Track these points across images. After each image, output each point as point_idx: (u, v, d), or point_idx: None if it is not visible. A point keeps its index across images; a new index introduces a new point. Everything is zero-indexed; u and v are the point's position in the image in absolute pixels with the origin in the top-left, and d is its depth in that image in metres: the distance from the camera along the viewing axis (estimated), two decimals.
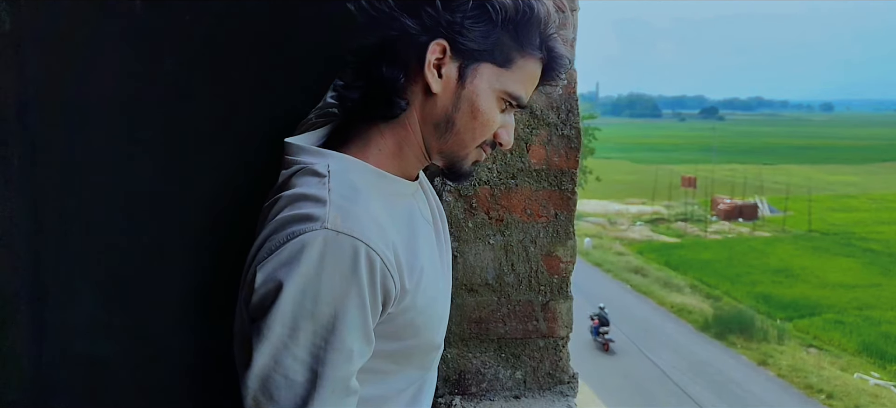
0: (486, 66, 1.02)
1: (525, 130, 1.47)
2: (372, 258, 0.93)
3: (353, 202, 0.96)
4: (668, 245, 32.28)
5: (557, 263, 1.50)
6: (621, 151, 74.10)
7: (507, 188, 1.47)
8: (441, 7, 0.98)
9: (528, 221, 1.49)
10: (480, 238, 1.48)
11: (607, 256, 29.47)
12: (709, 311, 22.90)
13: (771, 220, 37.84)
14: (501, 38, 1.01)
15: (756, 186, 45.12)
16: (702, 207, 39.89)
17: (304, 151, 1.05)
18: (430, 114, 1.05)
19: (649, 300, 24.31)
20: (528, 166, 1.48)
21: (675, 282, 26.16)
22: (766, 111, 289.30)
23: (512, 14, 1.00)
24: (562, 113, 1.48)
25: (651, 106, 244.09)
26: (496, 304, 1.49)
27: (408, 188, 1.11)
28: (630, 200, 43.36)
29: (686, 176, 46.57)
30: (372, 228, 0.95)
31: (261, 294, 0.92)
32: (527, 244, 1.49)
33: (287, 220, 0.94)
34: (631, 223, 37.04)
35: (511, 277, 1.49)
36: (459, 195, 1.46)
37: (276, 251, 0.92)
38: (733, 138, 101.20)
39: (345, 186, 0.98)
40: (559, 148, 1.48)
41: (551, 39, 1.05)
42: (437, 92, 1.03)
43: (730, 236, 34.22)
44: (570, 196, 1.49)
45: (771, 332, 21.34)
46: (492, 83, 1.03)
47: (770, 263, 28.91)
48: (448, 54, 1.01)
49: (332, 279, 0.91)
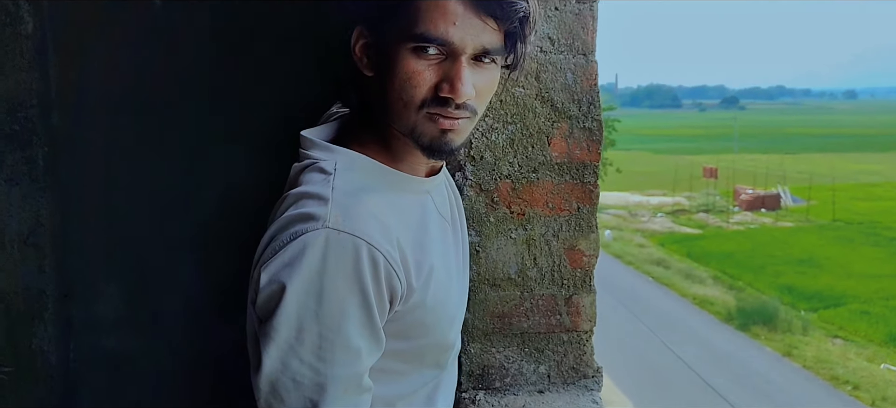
0: (392, 30, 0.98)
1: (546, 124, 1.46)
2: (375, 256, 0.93)
3: (355, 200, 0.96)
4: (689, 236, 32.01)
5: (580, 256, 1.49)
6: (641, 143, 73.64)
7: (529, 182, 1.47)
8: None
9: (550, 215, 1.48)
10: (502, 232, 1.47)
11: (628, 248, 29.30)
12: (732, 302, 22.69)
13: (794, 210, 37.41)
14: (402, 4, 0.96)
15: (778, 175, 44.63)
16: (723, 198, 39.51)
17: (315, 146, 1.05)
18: (377, 99, 1.03)
19: (671, 292, 24.14)
20: (549, 160, 1.47)
21: (698, 273, 25.95)
22: (787, 100, 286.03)
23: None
24: (583, 105, 1.46)
25: (671, 96, 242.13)
26: (519, 298, 1.48)
27: (420, 184, 1.10)
28: (651, 191, 43.05)
29: (707, 166, 46.15)
30: (374, 226, 0.94)
31: (265, 295, 0.92)
32: (549, 238, 1.48)
33: (290, 219, 0.94)
34: (652, 215, 36.78)
35: (534, 271, 1.48)
36: (481, 189, 1.45)
37: (280, 252, 0.92)
38: (755, 128, 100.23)
39: (349, 183, 0.98)
40: (581, 141, 1.47)
41: None
42: (370, 75, 1.03)
43: (752, 227, 33.87)
44: (593, 189, 1.48)
45: (795, 323, 21.11)
46: (397, 39, 0.97)
47: (794, 253, 28.58)
48: (369, 37, 1.01)
49: (335, 279, 0.91)
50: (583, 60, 1.44)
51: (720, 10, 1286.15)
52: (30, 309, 2.23)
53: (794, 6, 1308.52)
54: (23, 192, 2.19)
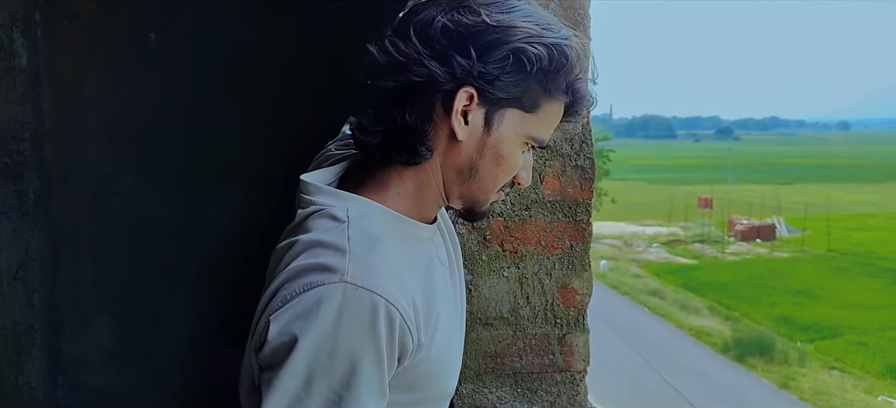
0: (512, 111, 0.99)
1: (539, 162, 1.45)
2: (392, 314, 0.89)
3: (373, 253, 0.92)
4: (685, 267, 32.00)
5: (574, 295, 1.48)
6: (636, 173, 73.82)
7: (521, 220, 1.46)
8: (476, 56, 0.94)
9: (542, 253, 1.47)
10: (495, 271, 1.46)
11: (624, 279, 29.26)
12: (728, 333, 22.62)
13: (789, 240, 37.46)
14: (531, 86, 0.97)
15: (773, 206, 44.73)
16: (719, 228, 39.56)
17: (321, 192, 1.02)
18: (454, 161, 1.01)
19: (667, 323, 24.07)
20: (542, 198, 1.46)
21: (694, 304, 25.90)
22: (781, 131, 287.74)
23: (546, 64, 0.95)
24: (575, 144, 1.46)
25: (665, 127, 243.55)
26: (512, 337, 1.47)
27: (426, 232, 1.08)
28: (646, 221, 43.10)
29: (702, 196, 46.27)
30: (392, 282, 0.91)
31: (274, 346, 0.88)
32: (542, 276, 1.47)
33: (304, 268, 0.91)
34: (647, 245, 36.79)
35: (526, 309, 1.47)
36: (473, 228, 1.45)
37: (292, 302, 0.88)
38: (749, 158, 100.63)
39: (365, 234, 0.94)
40: (573, 179, 1.47)
41: (577, 82, 1.01)
42: (463, 140, 0.99)
43: (748, 257, 33.89)
44: (586, 227, 1.48)
45: (792, 354, 21.04)
46: (517, 129, 1.00)
47: (789, 284, 28.58)
48: (476, 101, 0.97)
49: (350, 335, 0.88)
50: None
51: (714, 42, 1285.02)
52: (17, 345, 2.21)
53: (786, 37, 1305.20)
54: (13, 225, 2.17)
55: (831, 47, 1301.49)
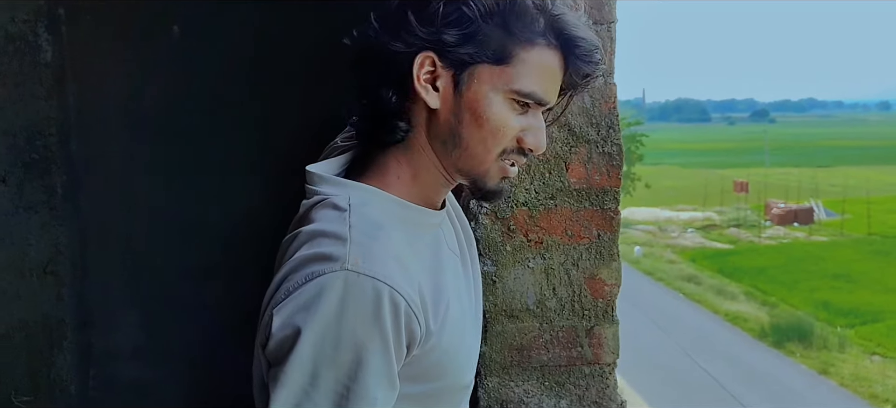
0: (482, 67, 0.95)
1: (564, 148, 1.41)
2: (396, 300, 0.87)
3: (374, 240, 0.91)
4: (721, 252, 31.54)
5: (602, 286, 1.44)
6: (670, 157, 72.89)
7: (547, 209, 1.42)
8: (415, 21, 0.93)
9: (569, 243, 1.43)
10: (520, 262, 1.42)
11: (659, 265, 28.94)
12: (765, 319, 22.28)
13: (828, 224, 36.73)
14: (490, 35, 0.94)
15: (811, 189, 43.89)
16: (755, 212, 38.92)
17: (325, 181, 1.00)
18: (437, 132, 0.99)
19: (703, 309, 23.78)
20: (567, 186, 1.42)
21: (730, 289, 25.55)
22: (819, 112, 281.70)
23: (492, 7, 0.93)
24: (602, 129, 1.42)
25: (699, 110, 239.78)
26: (538, 330, 1.43)
27: (433, 218, 1.05)
28: (680, 206, 42.54)
29: (738, 180, 45.54)
30: (395, 268, 0.89)
31: (278, 339, 0.87)
32: (568, 267, 1.43)
33: (305, 259, 0.89)
34: (682, 230, 36.33)
35: (553, 301, 1.43)
36: (497, 218, 1.41)
37: (294, 293, 0.87)
38: (786, 141, 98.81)
39: (366, 221, 0.93)
40: (600, 166, 1.42)
41: (558, 21, 0.96)
42: (436, 107, 0.97)
43: (785, 242, 33.31)
44: (614, 216, 1.43)
45: (831, 339, 20.65)
46: (494, 84, 0.96)
47: (828, 268, 28.03)
48: (439, 65, 0.95)
49: (354, 324, 0.86)
50: (601, 83, 1.40)
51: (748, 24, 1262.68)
52: (49, 338, 2.23)
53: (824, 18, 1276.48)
54: (42, 220, 2.19)
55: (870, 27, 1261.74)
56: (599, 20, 1.38)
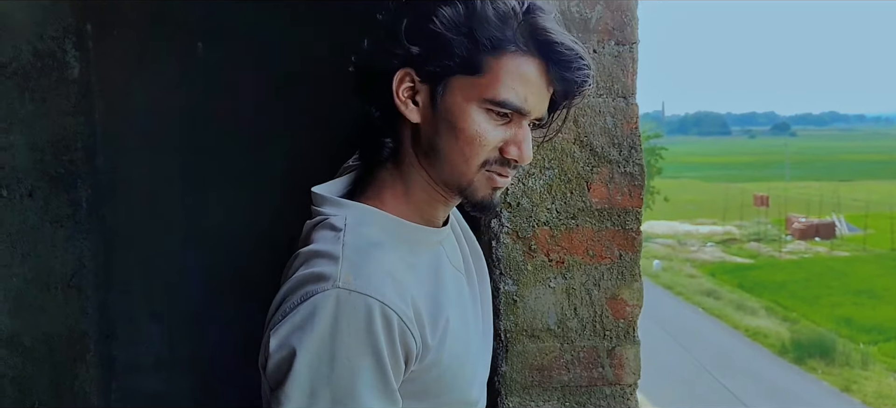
0: (455, 79, 0.96)
1: (585, 168, 1.41)
2: (388, 316, 0.89)
3: (366, 257, 0.92)
4: (741, 266, 31.24)
5: (623, 306, 1.43)
6: (690, 170, 72.45)
7: (568, 229, 1.42)
8: (387, 39, 0.96)
9: (590, 263, 1.42)
10: (541, 281, 1.42)
11: (678, 279, 28.72)
12: (786, 335, 22.01)
13: (850, 239, 36.28)
14: (458, 46, 0.94)
15: (833, 203, 43.37)
16: (775, 227, 38.55)
17: (326, 202, 1.03)
18: (421, 146, 1.01)
19: (723, 324, 23.55)
20: (589, 206, 1.42)
21: (750, 304, 25.27)
22: (840, 126, 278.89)
23: (455, 18, 0.93)
24: (624, 149, 1.41)
25: (719, 123, 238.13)
26: (559, 350, 1.43)
27: (434, 236, 1.06)
28: (700, 220, 42.24)
29: (758, 194, 45.15)
30: (387, 284, 0.91)
31: (276, 361, 0.88)
32: (590, 287, 1.43)
33: (301, 280, 0.91)
34: (701, 244, 36.07)
35: (574, 321, 1.43)
36: (518, 237, 1.41)
37: (290, 314, 0.89)
38: (807, 155, 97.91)
39: (360, 239, 0.95)
40: (622, 186, 1.42)
41: (530, 27, 0.95)
42: (416, 121, 0.99)
43: (806, 256, 32.92)
44: (635, 236, 1.43)
45: (854, 356, 20.35)
46: (466, 94, 0.96)
47: (850, 283, 27.67)
48: (417, 81, 0.97)
49: (347, 341, 0.88)
50: (623, 103, 1.40)
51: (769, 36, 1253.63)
52: (72, 350, 2.25)
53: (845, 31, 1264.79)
54: (67, 233, 2.22)
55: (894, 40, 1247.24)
56: (621, 41, 1.38)
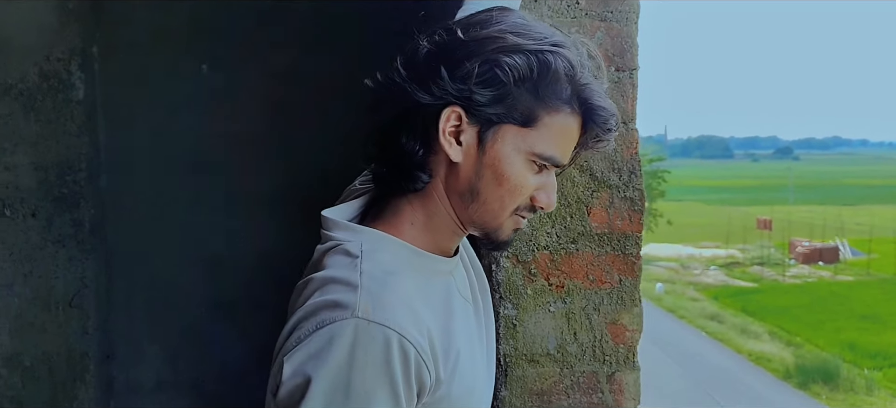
0: (507, 127, 0.96)
1: (585, 193, 1.42)
2: (405, 348, 0.88)
3: (385, 287, 0.91)
4: (744, 290, 31.12)
5: (623, 331, 1.43)
6: (692, 193, 72.35)
7: (568, 253, 1.42)
8: (448, 76, 0.94)
9: (590, 288, 1.43)
10: (540, 305, 1.42)
11: (681, 302, 28.60)
12: (790, 359, 21.87)
13: (854, 263, 36.16)
14: (519, 98, 0.95)
15: (836, 227, 43.26)
16: (779, 251, 38.44)
17: (338, 227, 1.01)
18: (455, 184, 0.99)
19: (726, 348, 23.42)
20: (589, 230, 1.42)
21: (753, 328, 25.14)
22: (844, 150, 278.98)
23: (525, 72, 0.94)
24: (624, 174, 1.42)
25: (722, 147, 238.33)
26: (559, 375, 1.43)
27: (445, 266, 1.05)
28: (703, 243, 42.13)
29: (761, 218, 45.04)
30: (405, 316, 0.90)
31: (289, 388, 0.87)
32: (590, 312, 1.43)
33: (317, 306, 0.90)
34: (704, 267, 35.96)
35: (574, 346, 1.43)
36: (518, 261, 1.41)
37: (305, 341, 0.88)
38: (810, 179, 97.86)
39: (377, 268, 0.93)
40: (622, 211, 1.42)
41: (584, 90, 0.97)
42: (458, 161, 0.98)
43: (810, 281, 32.80)
44: (635, 261, 1.43)
45: (859, 382, 20.21)
46: (517, 145, 0.97)
47: (855, 308, 27.53)
48: (465, 121, 0.96)
49: (364, 372, 0.86)
50: (623, 129, 1.41)
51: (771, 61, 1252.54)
52: (72, 371, 2.25)
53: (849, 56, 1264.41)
54: (69, 254, 2.23)
55: None
56: (621, 67, 1.40)
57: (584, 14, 1.39)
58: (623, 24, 1.40)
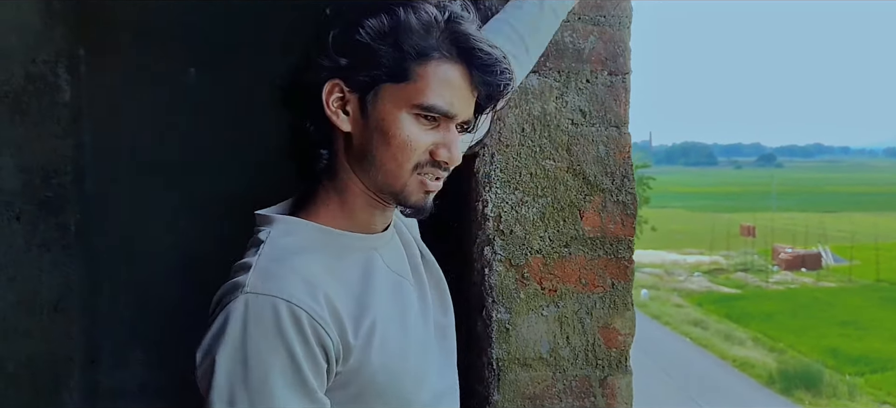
0: (385, 87, 0.99)
1: (578, 197, 1.42)
2: (296, 314, 0.91)
3: (278, 263, 0.96)
4: (727, 296, 31.31)
5: (615, 335, 1.43)
6: (677, 200, 72.77)
7: (561, 257, 1.42)
8: (316, 53, 0.99)
9: (583, 292, 1.42)
10: (533, 309, 1.42)
11: (665, 308, 28.73)
12: (773, 365, 22.02)
13: (836, 269, 36.47)
14: (384, 55, 0.98)
15: (819, 234, 43.64)
16: (762, 257, 38.72)
17: (262, 221, 1.06)
18: (354, 154, 1.03)
19: (710, 354, 23.54)
20: (582, 234, 1.42)
21: (737, 335, 25.29)
22: (825, 157, 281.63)
23: (380, 28, 0.97)
24: (616, 178, 1.42)
25: (706, 154, 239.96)
26: (551, 379, 1.42)
27: (363, 242, 1.08)
28: (687, 249, 42.35)
29: (745, 224, 45.36)
30: (295, 284, 0.94)
31: (201, 373, 0.92)
32: (582, 316, 1.42)
33: (219, 293, 0.96)
34: (689, 274, 36.16)
35: (566, 350, 1.42)
36: (511, 265, 1.41)
37: (210, 326, 0.93)
38: (793, 186, 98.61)
39: (277, 249, 0.99)
40: (614, 215, 1.42)
41: (456, 37, 0.99)
42: (348, 130, 1.02)
43: (793, 287, 33.04)
44: (628, 265, 1.43)
45: (841, 387, 20.38)
46: (396, 101, 0.99)
47: (837, 314, 27.76)
48: (346, 91, 1.00)
49: (258, 343, 0.90)
50: (616, 133, 1.41)
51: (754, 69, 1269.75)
52: (56, 376, 2.22)
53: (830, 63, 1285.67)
54: (54, 258, 2.20)
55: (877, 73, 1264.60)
56: (614, 71, 1.40)
57: (576, 18, 1.39)
58: (616, 29, 1.40)
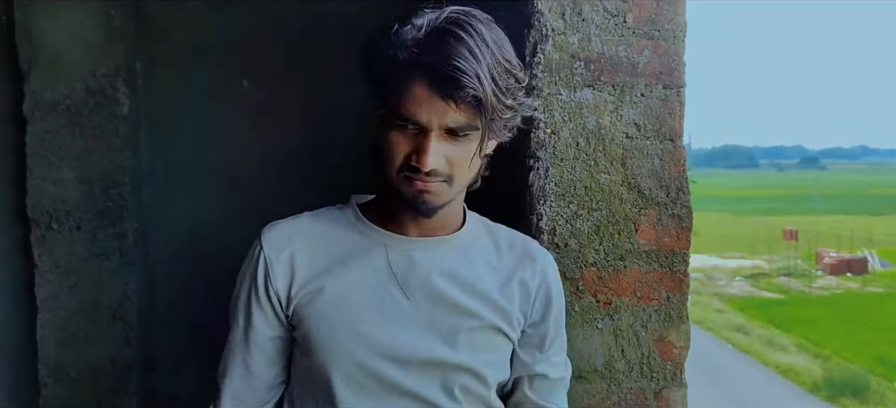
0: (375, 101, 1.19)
1: (633, 210, 1.42)
2: (258, 255, 1.25)
3: (288, 221, 1.29)
4: (770, 301, 30.70)
5: (671, 348, 1.43)
6: (717, 203, 71.59)
7: (616, 270, 1.42)
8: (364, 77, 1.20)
9: (638, 305, 1.43)
10: (588, 322, 1.43)
11: (707, 314, 28.28)
12: (818, 372, 21.54)
13: (883, 274, 35.55)
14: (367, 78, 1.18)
15: (865, 238, 42.59)
16: (805, 262, 37.91)
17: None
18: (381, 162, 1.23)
19: (753, 360, 23.13)
20: (637, 247, 1.43)
21: (780, 341, 24.80)
22: (871, 160, 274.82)
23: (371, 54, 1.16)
24: (671, 191, 1.42)
25: (747, 156, 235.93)
26: (606, 392, 1.43)
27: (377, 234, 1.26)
28: (728, 254, 41.66)
29: (787, 228, 44.47)
30: (277, 234, 1.27)
31: None
32: (637, 329, 1.43)
33: None
34: (730, 278, 35.56)
35: (621, 363, 1.43)
36: (565, 278, 1.42)
37: None
38: (837, 188, 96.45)
39: (308, 215, 1.31)
40: (670, 228, 1.43)
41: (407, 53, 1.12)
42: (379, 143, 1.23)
43: (837, 292, 32.28)
44: (683, 278, 1.43)
45: (889, 395, 19.86)
46: (386, 119, 1.17)
47: (884, 320, 27.04)
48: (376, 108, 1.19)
49: (242, 268, 1.29)
50: (670, 146, 1.41)
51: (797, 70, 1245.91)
52: (115, 382, 2.28)
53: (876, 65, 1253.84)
54: (113, 267, 2.26)
55: None
56: (669, 85, 1.40)
57: (631, 32, 1.40)
58: (670, 43, 1.41)
